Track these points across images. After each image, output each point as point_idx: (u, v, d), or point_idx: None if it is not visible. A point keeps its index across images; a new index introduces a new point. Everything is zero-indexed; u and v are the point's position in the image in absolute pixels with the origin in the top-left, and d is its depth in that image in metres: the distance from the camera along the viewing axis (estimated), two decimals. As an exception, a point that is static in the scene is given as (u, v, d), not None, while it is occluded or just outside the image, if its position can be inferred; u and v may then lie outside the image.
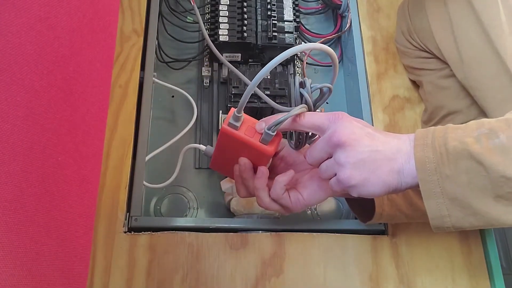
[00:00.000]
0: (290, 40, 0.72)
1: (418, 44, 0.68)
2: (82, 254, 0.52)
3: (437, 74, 0.66)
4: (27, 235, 0.41)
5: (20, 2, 0.41)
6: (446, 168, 0.41)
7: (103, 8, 0.60)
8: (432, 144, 0.42)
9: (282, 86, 0.69)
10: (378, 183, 0.43)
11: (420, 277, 0.59)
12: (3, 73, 0.38)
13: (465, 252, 0.61)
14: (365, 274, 0.59)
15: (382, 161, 0.43)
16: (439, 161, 0.41)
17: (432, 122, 0.67)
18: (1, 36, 0.38)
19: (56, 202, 0.46)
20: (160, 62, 0.73)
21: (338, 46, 0.81)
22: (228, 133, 0.49)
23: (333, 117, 0.46)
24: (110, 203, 0.58)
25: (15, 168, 0.39)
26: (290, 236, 0.59)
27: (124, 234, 0.57)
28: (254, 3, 0.74)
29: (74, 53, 0.50)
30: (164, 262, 0.56)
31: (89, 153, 0.55)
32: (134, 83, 0.66)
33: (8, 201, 0.38)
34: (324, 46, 0.44)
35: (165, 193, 0.66)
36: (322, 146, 0.46)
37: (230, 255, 0.58)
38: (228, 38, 0.70)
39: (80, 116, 0.52)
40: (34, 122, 0.42)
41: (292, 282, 0.57)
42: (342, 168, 0.44)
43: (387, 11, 0.78)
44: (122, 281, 0.55)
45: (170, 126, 0.70)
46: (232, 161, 0.53)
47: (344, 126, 0.44)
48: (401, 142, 0.44)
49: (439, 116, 0.66)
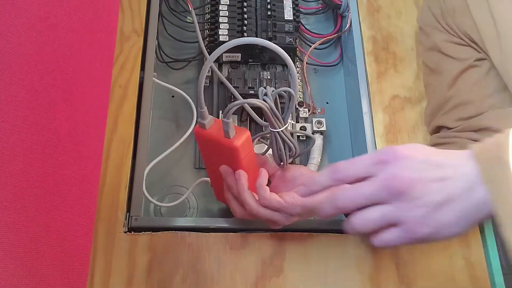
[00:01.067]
0: (290, 40, 0.72)
1: (451, 27, 0.66)
2: (82, 254, 0.53)
3: (464, 63, 0.64)
4: (27, 235, 0.41)
5: (20, 2, 0.41)
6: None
7: (103, 8, 0.60)
8: (502, 167, 0.36)
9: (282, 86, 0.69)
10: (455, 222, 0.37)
11: (420, 277, 0.59)
12: (3, 73, 0.38)
13: (465, 252, 0.61)
14: (365, 274, 0.59)
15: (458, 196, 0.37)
16: (508, 185, 0.35)
17: (440, 113, 0.66)
18: (1, 36, 0.38)
19: (56, 202, 0.46)
20: (160, 62, 0.73)
21: (338, 46, 0.81)
22: (199, 134, 0.49)
23: (381, 157, 0.38)
24: (110, 203, 0.58)
25: (15, 168, 0.39)
26: (290, 236, 0.59)
27: (124, 234, 0.57)
28: (254, 3, 0.74)
29: (74, 53, 0.50)
30: (164, 262, 0.56)
31: (89, 153, 0.55)
32: (134, 83, 0.66)
33: (8, 201, 0.38)
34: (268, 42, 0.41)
35: (165, 193, 0.66)
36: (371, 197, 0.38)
37: (230, 255, 0.58)
38: (228, 38, 0.70)
39: (80, 116, 0.52)
40: (34, 122, 0.42)
41: (292, 282, 0.57)
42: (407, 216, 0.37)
43: (387, 11, 0.78)
44: (122, 281, 0.55)
45: (170, 126, 0.70)
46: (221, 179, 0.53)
47: (404, 166, 0.37)
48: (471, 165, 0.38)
49: (448, 107, 0.64)
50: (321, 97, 0.76)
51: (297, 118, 0.73)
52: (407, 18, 0.78)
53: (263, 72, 0.71)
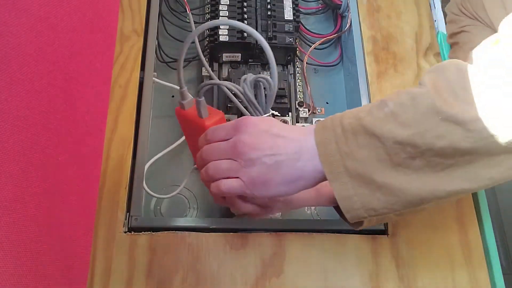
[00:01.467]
0: (290, 40, 0.72)
1: (470, 13, 0.66)
2: (82, 254, 0.53)
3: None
4: (28, 235, 0.41)
5: (20, 2, 0.41)
6: (344, 146, 0.41)
7: (103, 8, 0.60)
8: (331, 126, 0.43)
9: (282, 86, 0.69)
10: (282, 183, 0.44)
11: (420, 277, 0.59)
12: (3, 73, 0.38)
13: (465, 252, 0.61)
14: (365, 274, 0.59)
15: (284, 163, 0.44)
16: (338, 140, 0.41)
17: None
18: (1, 36, 0.38)
19: (56, 202, 0.46)
20: (160, 62, 0.73)
21: (338, 46, 0.81)
22: (179, 114, 0.51)
23: (237, 124, 0.46)
24: (110, 203, 0.58)
25: (15, 168, 0.39)
26: (290, 236, 0.59)
27: (124, 234, 0.57)
28: (254, 3, 0.74)
29: (74, 53, 0.51)
30: (164, 262, 0.56)
31: (89, 153, 0.55)
32: (134, 83, 0.66)
33: (8, 201, 0.38)
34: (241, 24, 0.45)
35: (165, 192, 0.66)
36: (225, 153, 0.46)
37: (230, 255, 0.58)
38: (228, 38, 0.70)
39: (80, 116, 0.52)
40: (34, 122, 0.42)
41: (292, 282, 0.57)
42: (245, 171, 0.45)
43: (387, 11, 0.78)
44: (122, 281, 0.55)
45: (170, 126, 0.70)
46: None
47: (249, 132, 0.45)
48: (305, 137, 0.44)
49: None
50: (321, 97, 0.76)
51: (297, 118, 0.73)
52: (407, 18, 0.78)
53: (263, 72, 0.71)
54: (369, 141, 0.40)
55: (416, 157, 0.40)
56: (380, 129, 0.40)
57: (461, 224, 0.63)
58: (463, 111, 0.39)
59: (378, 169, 0.41)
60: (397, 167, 0.40)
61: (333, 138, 0.42)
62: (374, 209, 0.42)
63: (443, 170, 0.41)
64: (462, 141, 0.39)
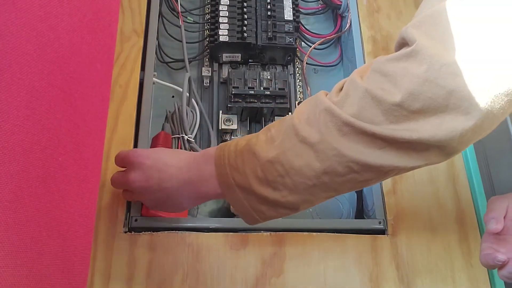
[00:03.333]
0: (290, 40, 0.72)
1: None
2: (82, 254, 0.52)
3: None
4: (28, 235, 0.41)
5: (20, 2, 0.41)
6: (233, 161, 0.47)
7: (103, 8, 0.60)
8: (228, 145, 0.49)
9: (282, 86, 0.69)
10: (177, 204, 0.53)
11: (420, 277, 0.59)
12: (3, 73, 0.38)
13: (465, 252, 0.61)
14: (365, 274, 0.59)
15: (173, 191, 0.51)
16: (229, 156, 0.47)
17: None
18: (1, 36, 0.38)
19: (56, 202, 0.46)
20: (160, 62, 0.73)
21: (338, 46, 0.81)
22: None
23: (127, 159, 0.53)
24: (110, 203, 0.58)
25: (15, 168, 0.39)
26: (290, 236, 0.59)
27: (124, 234, 0.57)
28: (254, 3, 0.74)
29: (74, 53, 0.50)
30: (164, 262, 0.56)
31: (89, 153, 0.55)
32: (134, 83, 0.66)
33: (8, 201, 0.38)
34: None
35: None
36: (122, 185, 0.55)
37: (230, 255, 0.58)
38: (228, 38, 0.70)
39: (80, 116, 0.52)
40: (34, 122, 0.42)
41: (292, 282, 0.57)
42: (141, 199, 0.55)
43: (387, 11, 0.78)
44: (122, 281, 0.55)
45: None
46: None
47: (135, 169, 0.52)
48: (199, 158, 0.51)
49: None
50: (321, 97, 0.76)
51: (297, 118, 0.73)
52: (407, 18, 0.78)
53: (263, 72, 0.71)
54: (250, 159, 0.46)
55: (285, 176, 0.45)
56: (259, 149, 0.46)
57: (461, 224, 0.63)
58: (309, 134, 0.44)
59: (256, 183, 0.46)
60: (272, 184, 0.45)
61: (226, 154, 0.48)
62: (263, 212, 0.47)
63: (305, 190, 0.45)
64: (315, 161, 0.43)
